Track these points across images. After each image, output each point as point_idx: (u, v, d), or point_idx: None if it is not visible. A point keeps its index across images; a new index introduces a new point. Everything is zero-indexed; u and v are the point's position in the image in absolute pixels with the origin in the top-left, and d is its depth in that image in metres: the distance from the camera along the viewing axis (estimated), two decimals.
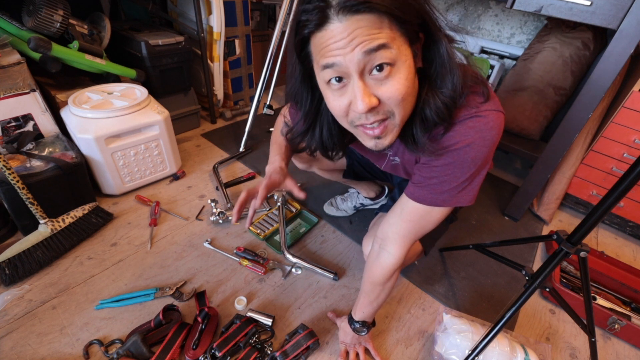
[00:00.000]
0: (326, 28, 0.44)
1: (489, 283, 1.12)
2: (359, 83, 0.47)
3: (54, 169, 1.06)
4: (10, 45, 1.14)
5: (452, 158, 0.57)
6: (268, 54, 1.49)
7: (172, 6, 1.73)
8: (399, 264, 0.70)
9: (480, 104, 0.54)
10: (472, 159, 0.56)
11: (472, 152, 0.55)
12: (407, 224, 0.66)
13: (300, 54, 0.52)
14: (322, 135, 0.66)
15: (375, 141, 0.54)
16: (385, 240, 0.70)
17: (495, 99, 0.56)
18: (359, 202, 1.31)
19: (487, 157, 0.57)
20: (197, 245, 1.13)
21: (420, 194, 0.62)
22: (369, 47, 0.43)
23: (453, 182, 0.59)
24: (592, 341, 0.79)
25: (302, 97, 0.62)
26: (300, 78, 0.58)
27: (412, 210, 0.65)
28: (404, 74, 0.47)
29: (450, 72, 0.50)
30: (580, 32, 1.38)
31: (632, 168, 0.57)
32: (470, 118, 0.54)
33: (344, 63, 0.45)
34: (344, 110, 0.51)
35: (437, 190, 0.60)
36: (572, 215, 1.50)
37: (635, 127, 1.20)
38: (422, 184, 0.62)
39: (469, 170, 0.57)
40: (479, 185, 0.60)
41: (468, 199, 0.61)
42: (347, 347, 0.87)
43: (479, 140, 0.54)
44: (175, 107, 1.62)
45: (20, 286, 0.95)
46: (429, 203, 0.62)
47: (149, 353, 0.80)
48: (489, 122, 0.54)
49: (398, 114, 0.50)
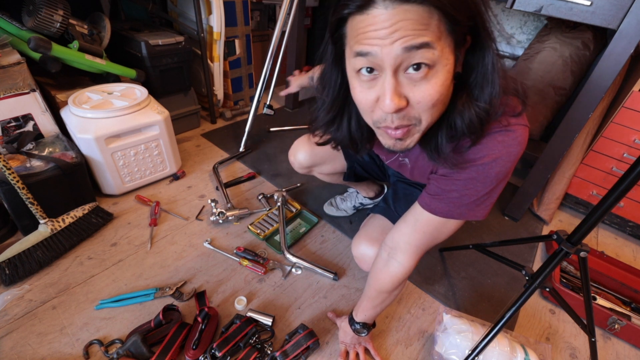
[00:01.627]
0: (368, 12, 0.40)
1: (489, 283, 1.12)
2: (391, 80, 0.42)
3: (54, 169, 1.06)
4: (10, 45, 1.14)
5: (476, 173, 0.54)
6: (268, 54, 1.49)
7: (172, 6, 1.73)
8: (408, 274, 0.69)
9: (511, 117, 0.51)
10: (495, 174, 0.54)
11: (497, 167, 0.53)
12: (421, 235, 0.64)
13: (334, 34, 0.47)
14: (351, 126, 0.60)
15: (394, 141, 0.50)
16: (396, 250, 0.68)
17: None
18: (359, 202, 1.31)
19: (509, 172, 0.55)
20: (197, 245, 1.13)
21: (438, 206, 0.60)
22: (411, 44, 0.39)
23: (473, 196, 0.56)
24: (592, 341, 0.79)
25: (332, 81, 0.55)
26: (331, 60, 0.52)
27: (426, 221, 0.62)
28: (441, 79, 0.43)
29: (491, 84, 0.46)
30: (580, 32, 1.38)
31: (632, 168, 0.57)
32: (499, 132, 0.51)
33: (380, 55, 0.41)
34: (370, 105, 0.47)
35: (456, 204, 0.58)
36: (572, 215, 1.50)
37: (635, 127, 1.20)
38: (440, 196, 0.59)
39: (491, 185, 0.55)
40: (495, 199, 0.59)
41: (483, 213, 0.59)
42: (347, 347, 0.87)
43: (505, 155, 0.52)
44: (175, 107, 1.62)
45: (20, 286, 0.95)
46: (445, 215, 0.60)
47: (149, 353, 0.80)
48: (517, 137, 0.51)
49: (425, 120, 0.47)
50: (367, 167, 1.05)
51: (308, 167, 1.04)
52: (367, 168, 1.05)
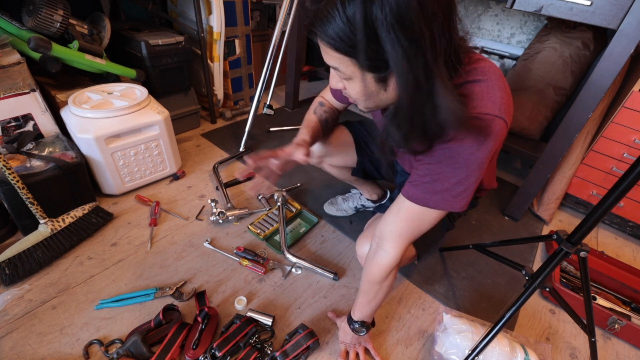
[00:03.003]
0: None
1: (489, 283, 1.12)
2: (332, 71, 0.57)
3: (54, 169, 1.06)
4: (10, 45, 1.14)
5: (443, 155, 0.57)
6: (268, 54, 1.49)
7: (172, 6, 1.73)
8: (395, 263, 0.70)
9: (482, 105, 0.53)
10: (463, 160, 0.56)
11: (464, 152, 0.55)
12: (403, 223, 0.67)
13: None
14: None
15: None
16: (382, 239, 0.70)
17: (504, 104, 0.55)
18: (361, 204, 1.31)
19: (480, 162, 0.57)
20: (197, 245, 1.13)
21: (414, 192, 0.63)
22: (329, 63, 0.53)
23: (444, 182, 0.59)
24: (592, 341, 0.79)
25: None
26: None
27: (407, 209, 0.65)
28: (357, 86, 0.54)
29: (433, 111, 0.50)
30: (580, 32, 1.38)
31: (632, 168, 0.57)
32: (470, 119, 0.53)
33: None
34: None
35: (430, 190, 0.61)
36: (572, 215, 1.50)
37: (635, 127, 1.20)
38: (416, 182, 0.63)
39: (461, 172, 0.57)
40: (471, 192, 0.61)
41: (460, 204, 0.61)
42: (347, 347, 0.87)
43: (473, 141, 0.54)
44: (175, 107, 1.62)
45: (20, 286, 0.95)
46: (421, 203, 0.62)
47: (149, 353, 0.80)
48: (486, 126, 0.54)
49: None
50: (376, 163, 1.06)
51: (320, 156, 1.04)
52: (376, 164, 1.06)
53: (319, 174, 1.53)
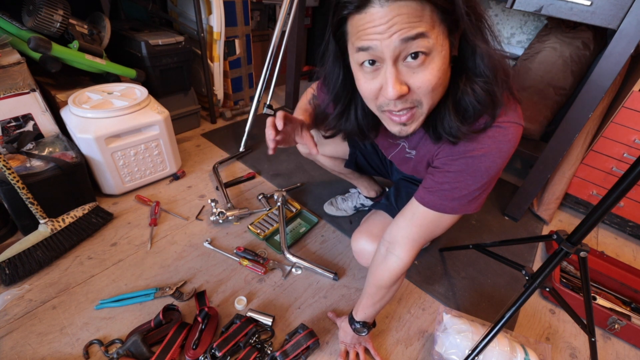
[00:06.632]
0: (366, 11, 0.44)
1: (489, 283, 1.12)
2: (392, 69, 0.46)
3: (54, 169, 1.06)
4: (10, 45, 1.14)
5: (465, 165, 0.57)
6: (268, 53, 1.49)
7: (172, 6, 1.73)
8: (407, 268, 0.70)
9: (504, 114, 0.54)
10: (485, 169, 0.57)
11: (486, 162, 0.56)
12: (418, 229, 0.66)
13: (336, 33, 0.52)
14: (358, 116, 0.65)
15: (400, 127, 0.54)
16: (394, 244, 0.69)
17: (518, 110, 0.56)
18: (360, 203, 1.31)
19: (499, 169, 0.58)
20: (197, 245, 1.13)
21: (431, 199, 0.62)
22: (407, 35, 0.43)
23: (464, 190, 0.59)
24: (592, 341, 0.79)
25: (334, 77, 0.60)
26: (332, 57, 0.57)
27: (422, 215, 0.64)
28: (437, 65, 0.47)
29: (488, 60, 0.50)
30: (580, 32, 1.38)
31: (632, 168, 0.57)
32: (491, 128, 0.54)
33: (380, 48, 0.45)
34: (374, 94, 0.52)
35: (448, 197, 0.61)
36: (572, 215, 1.50)
37: (635, 127, 1.20)
38: (433, 188, 0.62)
39: (481, 180, 0.58)
40: (487, 195, 0.61)
41: (474, 207, 0.61)
42: (347, 347, 0.87)
43: (495, 151, 0.55)
44: (175, 107, 1.62)
45: (20, 286, 0.95)
46: (438, 209, 0.62)
47: (149, 353, 0.80)
48: (508, 134, 0.55)
49: (426, 103, 0.51)
50: (368, 157, 1.06)
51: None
52: (368, 158, 1.06)
53: (319, 174, 1.53)
